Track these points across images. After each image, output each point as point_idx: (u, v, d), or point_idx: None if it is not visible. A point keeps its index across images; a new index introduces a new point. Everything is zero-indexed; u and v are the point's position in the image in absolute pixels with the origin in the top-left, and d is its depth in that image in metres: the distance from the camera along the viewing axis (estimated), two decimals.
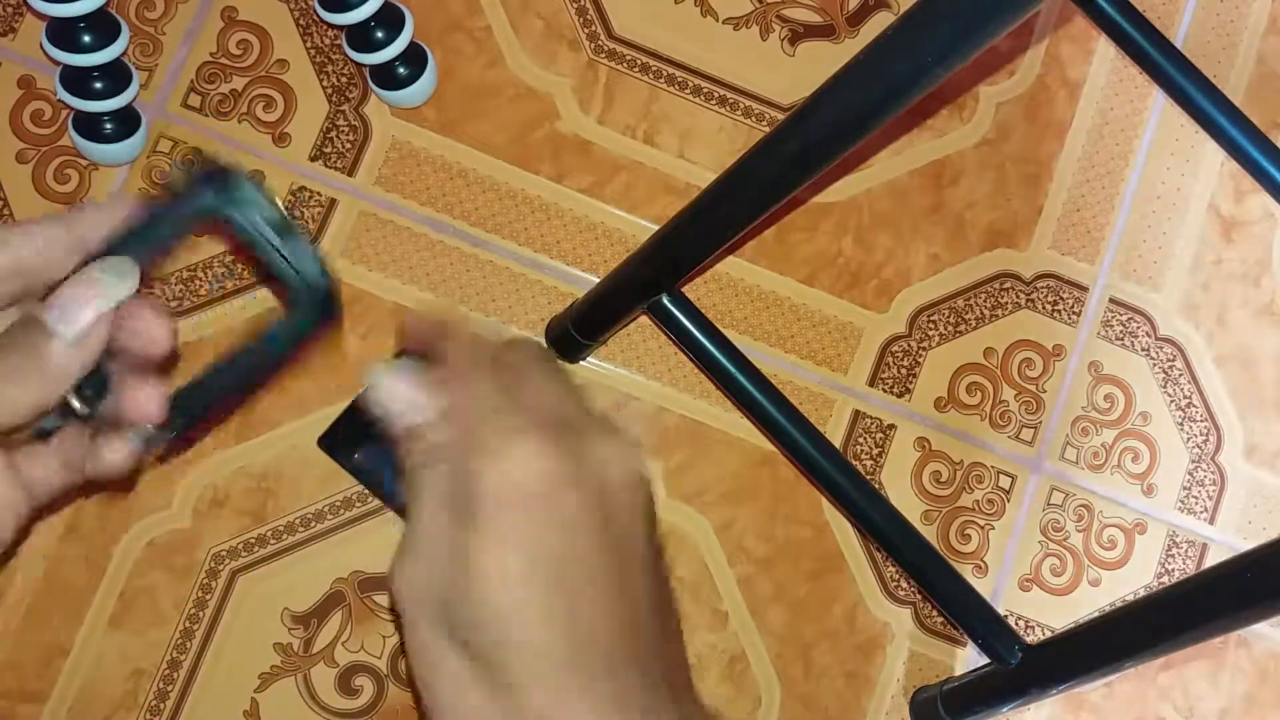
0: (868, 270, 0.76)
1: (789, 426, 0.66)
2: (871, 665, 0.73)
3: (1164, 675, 0.75)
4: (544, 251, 0.74)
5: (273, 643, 0.69)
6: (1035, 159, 0.78)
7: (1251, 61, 0.81)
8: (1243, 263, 0.79)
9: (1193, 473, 0.76)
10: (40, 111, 0.72)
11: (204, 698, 0.68)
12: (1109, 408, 0.76)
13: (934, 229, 0.77)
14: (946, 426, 0.75)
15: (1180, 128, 0.79)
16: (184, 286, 0.71)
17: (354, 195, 0.73)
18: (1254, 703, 0.75)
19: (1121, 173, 0.79)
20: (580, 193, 0.74)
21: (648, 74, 0.76)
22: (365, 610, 0.69)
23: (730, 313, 0.75)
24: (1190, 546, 0.76)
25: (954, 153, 0.77)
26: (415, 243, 0.73)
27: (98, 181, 0.72)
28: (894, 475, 0.74)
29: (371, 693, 0.69)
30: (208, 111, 0.73)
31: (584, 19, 0.76)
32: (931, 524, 0.74)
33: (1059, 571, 0.75)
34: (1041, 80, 0.79)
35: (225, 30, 0.74)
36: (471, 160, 0.74)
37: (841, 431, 0.74)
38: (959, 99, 0.78)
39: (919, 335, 0.76)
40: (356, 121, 0.74)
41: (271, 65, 0.74)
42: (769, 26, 0.78)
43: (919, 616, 0.73)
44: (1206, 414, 0.77)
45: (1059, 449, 0.76)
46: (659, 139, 0.75)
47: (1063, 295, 0.77)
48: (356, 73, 0.74)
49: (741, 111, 0.76)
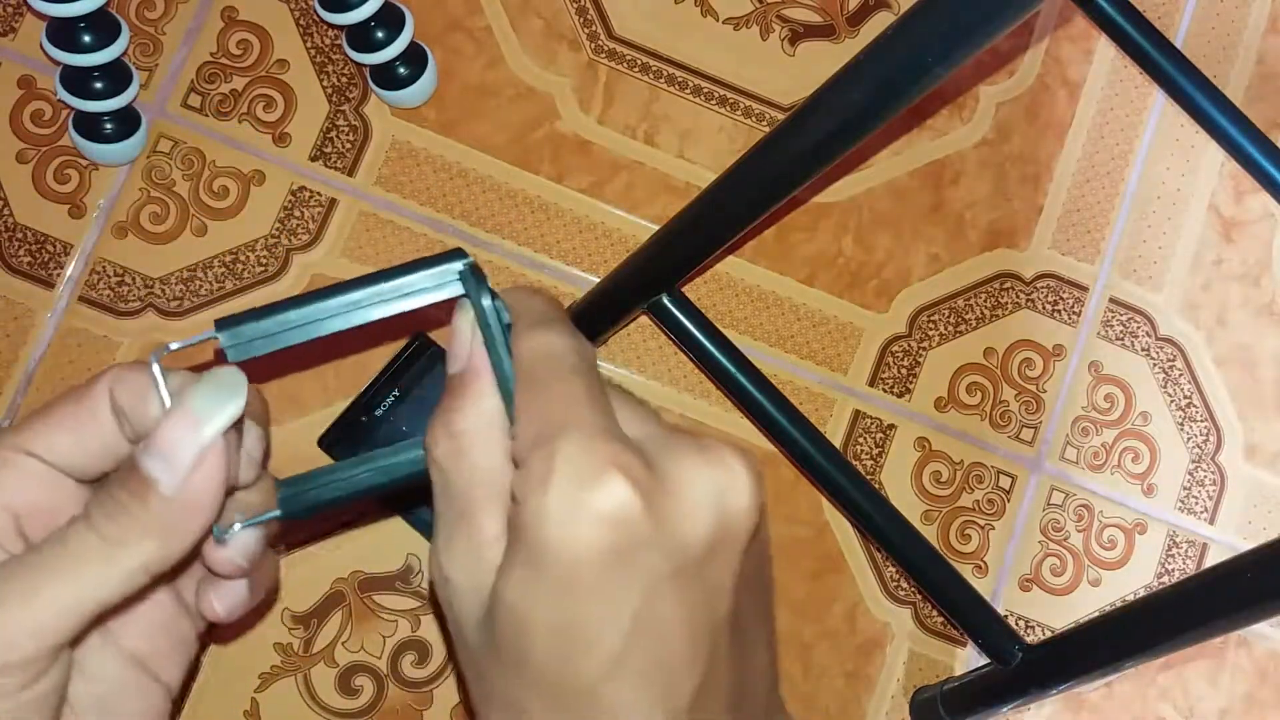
0: (868, 270, 0.76)
1: (789, 426, 0.66)
2: (871, 665, 0.73)
3: (1164, 675, 0.75)
4: (544, 251, 0.74)
5: (273, 643, 0.69)
6: (1035, 159, 0.78)
7: (1251, 61, 0.81)
8: (1243, 263, 0.79)
9: (1193, 473, 0.76)
10: (40, 111, 0.72)
11: (204, 698, 0.68)
12: (1109, 408, 0.76)
13: (934, 229, 0.77)
14: (946, 426, 0.75)
15: (1180, 128, 0.79)
16: (184, 286, 0.71)
17: (354, 195, 0.73)
18: (1254, 703, 0.75)
19: (1121, 173, 0.79)
20: (580, 193, 0.74)
21: (648, 74, 0.76)
22: (365, 610, 0.69)
23: (730, 313, 0.75)
24: (1190, 546, 0.76)
25: (954, 153, 0.77)
26: (415, 243, 0.73)
27: (98, 181, 0.72)
28: (894, 475, 0.74)
29: (371, 693, 0.69)
30: (208, 111, 0.73)
31: (584, 19, 0.76)
32: (931, 524, 0.74)
33: (1059, 571, 0.75)
34: (1041, 80, 0.79)
35: (225, 30, 0.74)
36: (471, 160, 0.74)
37: (841, 431, 0.74)
38: (959, 99, 0.78)
39: (919, 335, 0.76)
40: (356, 121, 0.74)
41: (272, 65, 0.74)
42: (769, 26, 0.78)
43: (919, 616, 0.73)
44: (1206, 414, 0.77)
45: (1059, 449, 0.76)
46: (659, 139, 0.75)
47: (1063, 295, 0.77)
48: (356, 73, 0.74)
49: (741, 111, 0.76)
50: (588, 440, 0.26)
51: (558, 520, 0.25)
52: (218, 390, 0.29)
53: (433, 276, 0.30)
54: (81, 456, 0.30)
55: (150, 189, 0.72)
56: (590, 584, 0.26)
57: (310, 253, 0.72)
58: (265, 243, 0.72)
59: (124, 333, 0.70)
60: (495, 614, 0.27)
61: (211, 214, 0.72)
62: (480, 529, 0.28)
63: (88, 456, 0.31)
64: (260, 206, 0.72)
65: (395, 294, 0.30)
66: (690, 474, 0.27)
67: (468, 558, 0.28)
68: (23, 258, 0.71)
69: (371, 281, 0.30)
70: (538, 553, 0.26)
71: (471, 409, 0.29)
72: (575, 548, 0.25)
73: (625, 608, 0.26)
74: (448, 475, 0.29)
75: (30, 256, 0.71)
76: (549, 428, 0.27)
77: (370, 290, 0.30)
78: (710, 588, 0.27)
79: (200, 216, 0.72)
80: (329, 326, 0.30)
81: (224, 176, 0.72)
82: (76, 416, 0.30)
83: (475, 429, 0.29)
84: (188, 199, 0.72)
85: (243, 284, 0.72)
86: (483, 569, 0.28)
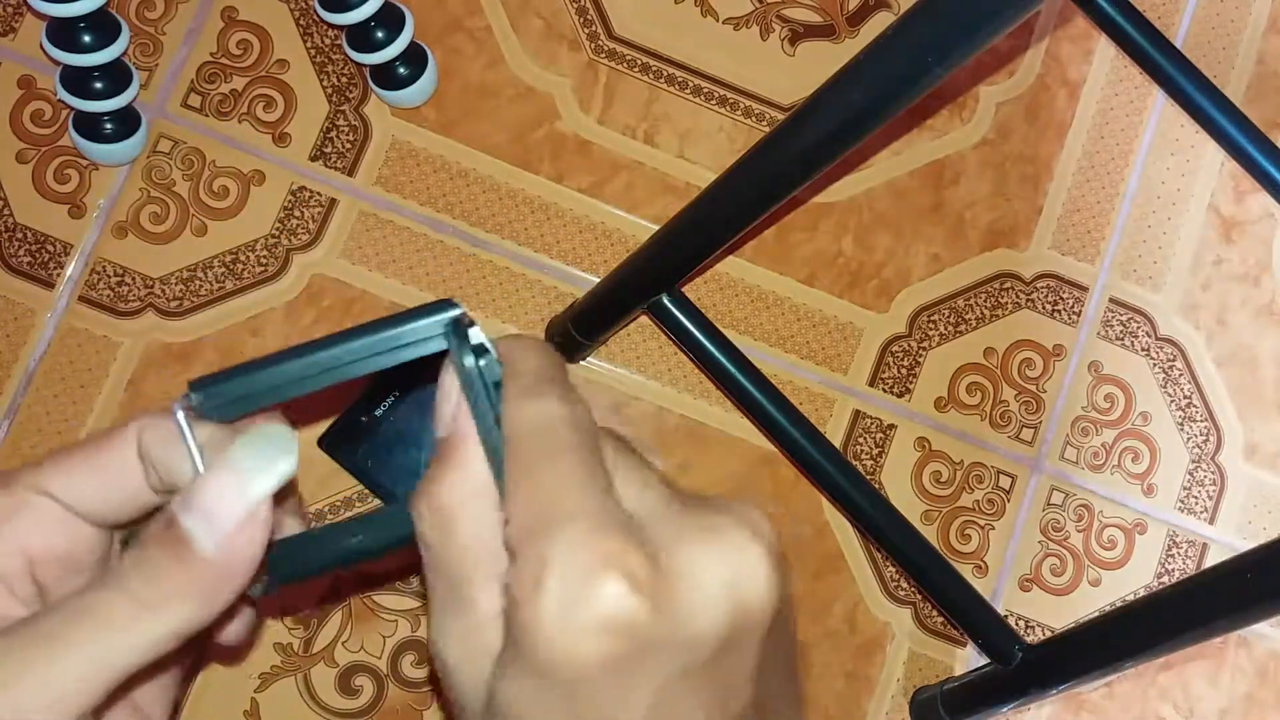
0: (868, 270, 0.76)
1: (789, 426, 0.66)
2: (871, 665, 0.73)
3: (1164, 675, 0.75)
4: (544, 251, 0.74)
5: (273, 643, 0.69)
6: (1035, 159, 0.78)
7: (1251, 61, 0.81)
8: (1243, 263, 0.79)
9: (1193, 473, 0.76)
10: (40, 111, 0.72)
11: (204, 698, 0.68)
12: (1109, 408, 0.76)
13: (934, 229, 0.77)
14: (946, 426, 0.75)
15: (1180, 128, 0.79)
16: (184, 286, 0.71)
17: (354, 195, 0.73)
18: (1254, 703, 0.75)
19: (1121, 173, 0.79)
20: (580, 193, 0.74)
21: (648, 74, 0.76)
22: (365, 610, 0.69)
23: (730, 313, 0.75)
24: (1190, 546, 0.76)
25: (954, 153, 0.77)
26: (415, 243, 0.73)
27: (98, 181, 0.72)
28: (894, 475, 0.74)
29: (371, 693, 0.69)
30: (208, 111, 0.73)
31: (584, 19, 0.76)
32: (931, 524, 0.74)
33: (1059, 571, 0.75)
34: (1041, 80, 0.79)
35: (225, 30, 0.74)
36: (471, 160, 0.74)
37: (841, 431, 0.74)
38: (959, 99, 0.78)
39: (919, 335, 0.76)
40: (356, 121, 0.74)
41: (272, 65, 0.74)
42: (769, 26, 0.78)
43: (919, 616, 0.73)
44: (1206, 414, 0.77)
45: (1059, 449, 0.76)
46: (659, 139, 0.75)
47: (1063, 295, 0.77)
48: (356, 73, 0.74)
49: (741, 111, 0.76)
50: (582, 535, 0.24)
51: (554, 630, 0.23)
52: (267, 446, 0.27)
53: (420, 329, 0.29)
54: (103, 502, 0.29)
55: (150, 189, 0.72)
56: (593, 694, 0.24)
57: (310, 253, 0.72)
58: (265, 243, 0.72)
59: (124, 333, 0.70)
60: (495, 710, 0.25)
61: (211, 214, 0.72)
62: (473, 608, 0.26)
63: (109, 503, 0.29)
64: (260, 206, 0.72)
65: (379, 348, 0.29)
66: (699, 562, 0.25)
67: (463, 639, 0.26)
68: (23, 258, 0.71)
69: (354, 336, 0.29)
70: (534, 662, 0.24)
71: (456, 479, 0.27)
72: (574, 659, 0.23)
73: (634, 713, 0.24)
74: (434, 551, 0.27)
75: (30, 256, 0.71)
76: (540, 519, 0.25)
77: (353, 345, 0.29)
78: (727, 683, 0.25)
79: (200, 216, 0.72)
80: (309, 386, 0.29)
81: (224, 176, 0.72)
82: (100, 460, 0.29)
83: (460, 502, 0.26)
84: (188, 199, 0.72)
85: (243, 284, 0.72)
86: (479, 653, 0.26)
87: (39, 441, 0.69)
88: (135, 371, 0.70)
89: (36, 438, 0.69)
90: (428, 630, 0.28)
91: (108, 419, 0.70)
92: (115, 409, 0.70)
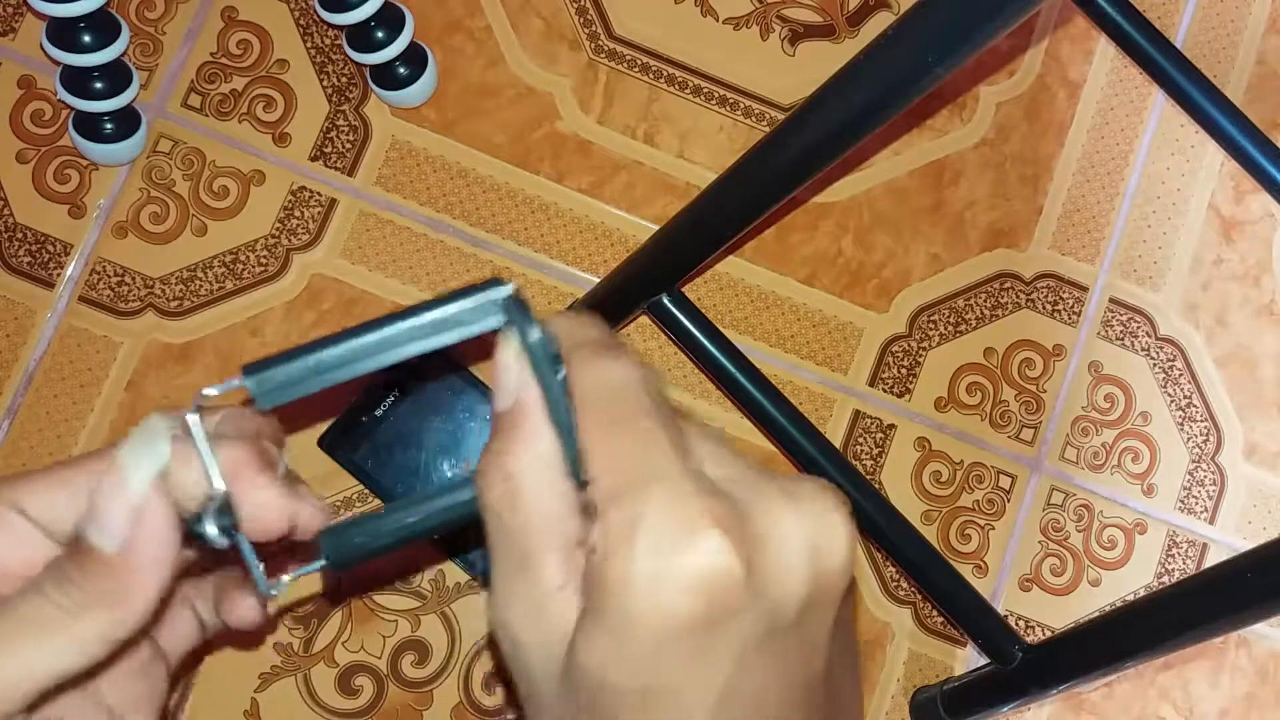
0: (868, 270, 0.76)
1: (789, 426, 0.66)
2: (872, 665, 0.73)
3: (1164, 675, 0.75)
4: (544, 251, 0.74)
5: (273, 643, 0.69)
6: (1035, 159, 0.78)
7: (1251, 61, 0.81)
8: (1243, 263, 0.79)
9: (1193, 473, 0.76)
10: (40, 111, 0.72)
11: (204, 698, 0.68)
12: (1109, 408, 0.76)
13: (934, 229, 0.77)
14: (946, 426, 0.75)
15: (1180, 128, 0.79)
16: (184, 286, 0.71)
17: (354, 195, 0.73)
18: (1254, 703, 0.75)
19: (1121, 173, 0.79)
20: (580, 193, 0.74)
21: (648, 74, 0.76)
22: (365, 610, 0.69)
23: (730, 313, 0.75)
24: (1190, 546, 0.76)
25: (954, 153, 0.77)
26: (415, 243, 0.73)
27: (98, 181, 0.72)
28: (894, 475, 0.74)
29: (371, 693, 0.69)
30: (208, 111, 0.73)
31: (584, 19, 0.76)
32: (931, 524, 0.74)
33: (1059, 571, 0.75)
34: (1041, 80, 0.79)
35: (225, 30, 0.74)
36: (471, 160, 0.74)
37: (841, 431, 0.74)
38: (959, 99, 0.78)
39: (919, 335, 0.76)
40: (356, 121, 0.74)
41: (272, 65, 0.74)
42: (769, 26, 0.78)
43: (919, 616, 0.73)
44: (1206, 414, 0.77)
45: (1059, 449, 0.76)
46: (659, 139, 0.75)
47: (1063, 295, 0.77)
48: (356, 73, 0.74)
49: (741, 111, 0.76)
50: (675, 494, 0.24)
51: (645, 587, 0.23)
52: (144, 440, 0.27)
53: (472, 308, 0.28)
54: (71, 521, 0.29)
55: (150, 189, 0.72)
56: (679, 654, 0.24)
57: (310, 253, 0.72)
58: (265, 243, 0.72)
59: (124, 333, 0.70)
60: (572, 677, 0.25)
61: (211, 214, 0.72)
62: (542, 579, 0.26)
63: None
64: (260, 206, 0.72)
65: (433, 329, 0.28)
66: (785, 528, 0.25)
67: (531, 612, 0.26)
68: (23, 258, 0.71)
69: (406, 316, 0.28)
70: (621, 620, 0.24)
71: (525, 450, 0.27)
72: (664, 618, 0.23)
73: (717, 676, 0.24)
74: (503, 522, 0.27)
75: (30, 256, 0.71)
76: (629, 478, 0.25)
77: (405, 326, 0.28)
78: (805, 648, 0.26)
79: (200, 216, 0.72)
80: (362, 368, 0.28)
81: (224, 176, 0.72)
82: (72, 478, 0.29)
83: (530, 471, 0.26)
84: (188, 199, 0.72)
85: (243, 284, 0.72)
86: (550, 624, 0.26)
87: (39, 441, 0.69)
88: (135, 371, 0.70)
89: (36, 438, 0.69)
90: (490, 611, 0.28)
91: (107, 419, 0.70)
92: (115, 409, 0.70)
